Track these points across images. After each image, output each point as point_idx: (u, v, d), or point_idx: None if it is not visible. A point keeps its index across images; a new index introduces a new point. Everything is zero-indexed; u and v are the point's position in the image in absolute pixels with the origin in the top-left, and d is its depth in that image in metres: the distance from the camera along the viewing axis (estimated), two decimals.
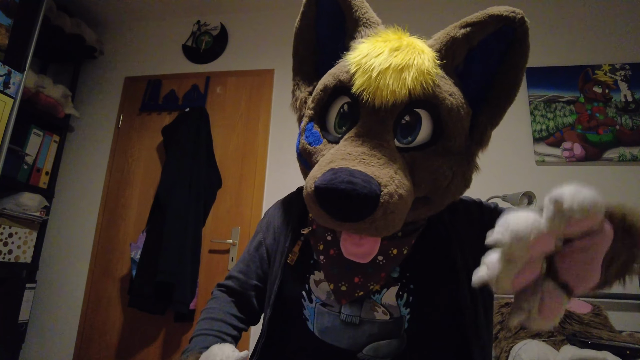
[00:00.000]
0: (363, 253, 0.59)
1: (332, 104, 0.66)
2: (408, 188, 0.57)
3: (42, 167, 2.28)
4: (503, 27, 0.64)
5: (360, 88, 0.59)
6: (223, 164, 2.30)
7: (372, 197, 0.52)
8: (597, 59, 2.09)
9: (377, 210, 0.53)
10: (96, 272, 2.29)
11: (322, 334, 0.68)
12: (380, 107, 0.59)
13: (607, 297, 1.75)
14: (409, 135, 0.61)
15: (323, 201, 0.54)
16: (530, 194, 1.73)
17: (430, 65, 0.59)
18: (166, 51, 2.61)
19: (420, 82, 0.58)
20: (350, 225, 0.54)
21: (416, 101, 0.59)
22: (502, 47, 0.65)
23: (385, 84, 0.57)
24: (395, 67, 0.57)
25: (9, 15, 1.73)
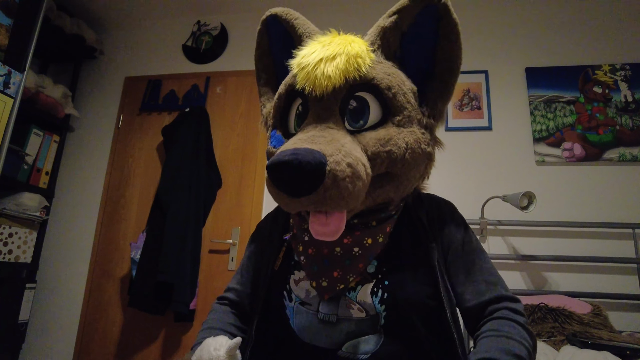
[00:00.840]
0: (330, 231, 0.61)
1: (289, 109, 0.74)
2: (357, 158, 0.60)
3: (42, 167, 2.28)
4: (425, 7, 0.69)
5: (302, 83, 0.67)
6: (223, 164, 2.30)
7: (316, 165, 0.55)
8: (597, 59, 2.09)
9: (327, 179, 0.56)
10: (96, 272, 2.29)
11: (301, 333, 0.69)
12: (323, 95, 0.66)
13: (607, 297, 1.75)
14: (360, 119, 0.67)
15: (274, 179, 0.58)
16: (530, 194, 1.73)
17: (359, 49, 0.67)
18: (166, 51, 2.60)
19: (352, 64, 0.65)
20: (306, 199, 0.58)
21: (356, 85, 0.66)
22: (432, 25, 0.70)
23: (321, 72, 0.64)
24: (327, 57, 0.65)
25: (9, 15, 1.73)
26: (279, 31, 0.83)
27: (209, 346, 0.65)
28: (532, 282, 1.88)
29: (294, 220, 0.78)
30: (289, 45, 0.80)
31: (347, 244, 0.69)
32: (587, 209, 1.91)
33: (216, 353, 0.63)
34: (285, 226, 0.82)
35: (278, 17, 0.82)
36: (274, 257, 0.78)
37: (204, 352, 0.65)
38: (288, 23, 0.81)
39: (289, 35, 0.82)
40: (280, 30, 0.83)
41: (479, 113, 2.13)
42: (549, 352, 1.22)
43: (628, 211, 1.88)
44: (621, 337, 1.37)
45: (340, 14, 2.46)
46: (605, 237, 1.88)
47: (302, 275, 0.72)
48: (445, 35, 0.70)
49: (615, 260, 1.79)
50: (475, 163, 2.07)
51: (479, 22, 2.26)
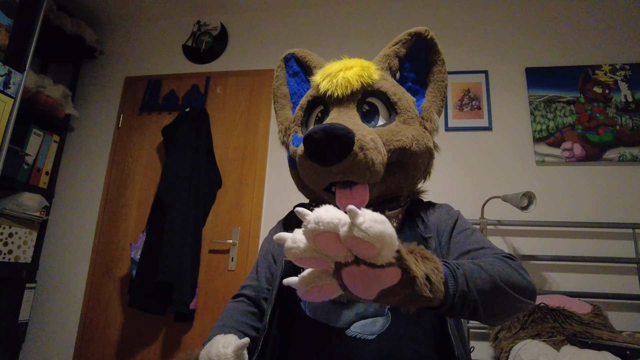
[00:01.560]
0: (356, 203, 0.65)
1: (309, 117, 0.87)
2: (377, 137, 0.74)
3: (42, 167, 2.28)
4: (417, 40, 0.89)
5: (326, 87, 0.81)
6: (223, 164, 2.30)
7: (348, 134, 0.66)
8: (597, 59, 2.09)
9: (355, 147, 0.67)
10: (96, 272, 2.29)
11: (313, 313, 0.74)
12: (343, 97, 0.80)
13: (607, 297, 1.75)
14: (371, 121, 0.82)
15: (310, 147, 0.67)
16: (530, 194, 1.73)
17: (369, 64, 0.84)
18: (166, 51, 2.61)
19: (366, 72, 0.81)
20: (336, 167, 0.68)
21: (368, 92, 0.82)
22: (424, 54, 0.90)
23: (342, 77, 0.80)
24: (345, 67, 0.82)
25: (9, 15, 1.73)
26: (294, 68, 1.01)
27: (218, 343, 0.67)
28: None
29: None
30: (303, 80, 0.99)
31: None
32: (587, 209, 1.91)
33: (224, 351, 0.65)
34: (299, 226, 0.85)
35: (295, 55, 1.00)
36: None
37: (212, 348, 0.67)
38: (304, 59, 0.99)
39: (303, 69, 1.00)
40: (296, 69, 1.01)
41: (479, 113, 2.13)
42: (549, 352, 1.22)
43: (628, 211, 1.88)
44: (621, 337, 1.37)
45: (335, 15, 2.46)
46: (605, 237, 1.88)
47: None
48: (433, 62, 0.89)
49: (615, 260, 1.79)
50: (475, 163, 2.07)
51: (479, 22, 2.26)
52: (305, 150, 0.69)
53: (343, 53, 0.91)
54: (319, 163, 0.68)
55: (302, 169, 0.74)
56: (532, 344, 1.29)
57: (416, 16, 2.33)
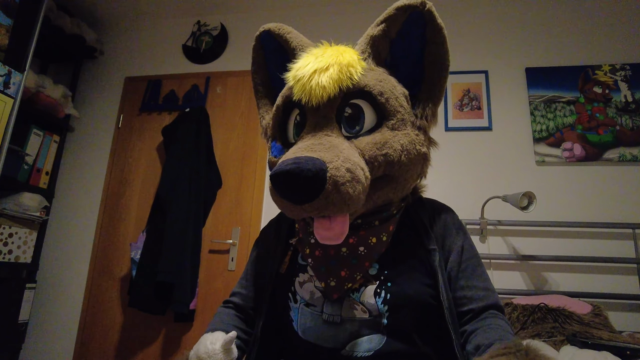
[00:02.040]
0: (334, 235, 0.64)
1: (287, 120, 0.76)
2: (356, 163, 0.63)
3: (42, 167, 2.28)
4: (411, 14, 0.72)
5: (299, 95, 0.69)
6: (223, 164, 2.30)
7: (317, 172, 0.58)
8: (597, 59, 2.09)
9: (327, 184, 0.58)
10: (96, 272, 2.29)
11: (305, 334, 0.71)
12: (319, 105, 0.69)
13: (607, 297, 1.75)
14: (356, 125, 0.70)
15: (277, 187, 0.60)
16: (530, 194, 1.73)
17: (351, 59, 0.70)
18: (166, 51, 2.60)
19: (344, 73, 0.68)
20: (309, 206, 0.60)
21: (350, 93, 0.69)
22: (419, 31, 0.73)
23: (316, 83, 0.67)
24: (320, 68, 0.68)
25: (9, 15, 1.73)
26: (273, 46, 0.86)
27: (206, 340, 0.67)
28: (532, 282, 1.88)
29: (299, 225, 0.80)
30: (284, 59, 0.82)
31: (352, 244, 0.71)
32: (587, 209, 1.91)
33: (212, 347, 0.65)
34: (289, 231, 0.84)
35: (271, 32, 0.85)
36: (279, 260, 0.79)
37: (200, 346, 0.67)
38: (281, 37, 0.84)
39: (283, 49, 0.85)
40: (274, 45, 0.86)
41: (479, 113, 2.13)
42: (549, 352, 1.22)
43: (628, 211, 1.88)
44: (621, 337, 1.37)
45: (335, 16, 2.46)
46: (605, 237, 1.88)
47: (307, 277, 0.74)
48: (432, 39, 0.73)
49: (615, 261, 1.79)
50: (475, 163, 2.07)
51: (479, 22, 2.26)
52: (273, 189, 0.63)
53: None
54: (290, 202, 0.61)
55: (275, 202, 0.66)
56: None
57: None
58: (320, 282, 0.72)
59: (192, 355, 0.68)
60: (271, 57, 0.88)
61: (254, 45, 0.88)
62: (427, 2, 0.72)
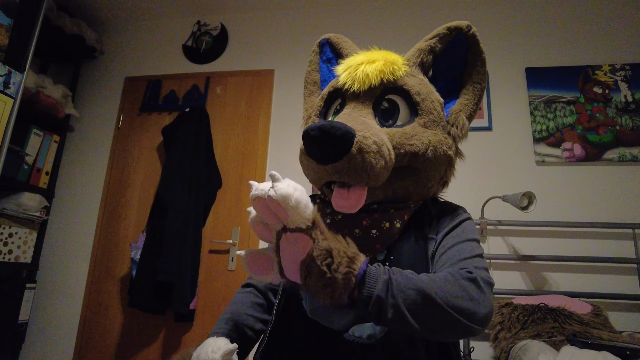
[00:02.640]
0: (350, 205, 0.67)
1: (329, 109, 0.83)
2: (383, 140, 0.68)
3: (42, 167, 2.28)
4: (457, 35, 0.81)
5: (344, 79, 0.77)
6: (223, 164, 2.30)
7: (346, 134, 0.62)
8: (597, 59, 2.09)
9: (353, 148, 0.63)
10: (96, 272, 2.29)
11: (313, 314, 0.72)
12: (360, 92, 0.76)
13: (607, 297, 1.75)
14: (390, 119, 0.76)
15: (307, 143, 0.64)
16: (530, 194, 1.73)
17: (395, 59, 0.78)
18: (166, 51, 2.61)
19: (388, 68, 0.75)
20: (331, 167, 0.64)
21: (389, 88, 0.76)
22: (463, 51, 0.82)
23: (362, 71, 0.75)
24: (368, 60, 0.76)
25: (9, 15, 1.73)
26: (328, 55, 0.97)
27: (208, 347, 0.68)
28: (532, 282, 1.88)
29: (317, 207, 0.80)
30: (334, 65, 0.92)
31: (365, 226, 0.73)
32: (587, 209, 1.91)
33: (212, 355, 0.66)
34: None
35: (330, 40, 0.96)
36: None
37: (202, 351, 0.68)
38: (338, 45, 0.94)
39: (336, 56, 0.95)
40: (330, 55, 0.96)
41: (479, 113, 2.13)
42: (548, 352, 1.22)
43: (628, 211, 1.88)
44: (621, 337, 1.37)
45: (335, 15, 2.46)
46: (605, 237, 1.88)
47: None
48: (472, 62, 0.82)
49: (615, 261, 1.79)
50: (475, 163, 2.07)
51: (479, 22, 2.26)
52: (304, 146, 0.67)
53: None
54: (315, 161, 0.65)
55: (301, 164, 0.73)
56: (532, 344, 1.29)
57: (416, 16, 2.33)
58: None
59: (195, 358, 0.68)
60: (325, 64, 0.97)
61: (313, 50, 0.98)
62: (472, 27, 0.80)
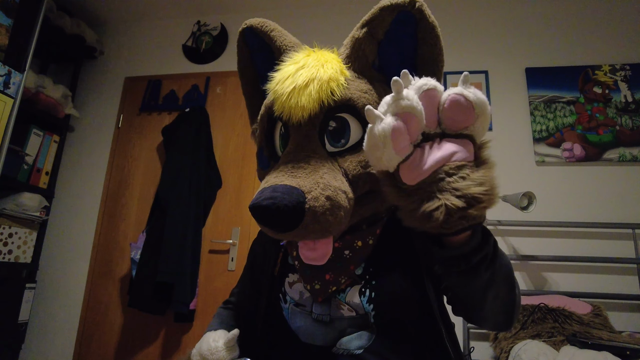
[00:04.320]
0: (318, 256, 0.64)
1: (273, 130, 0.73)
2: (336, 188, 0.61)
3: (42, 167, 2.28)
4: (399, 13, 0.66)
5: (279, 112, 0.67)
6: (223, 164, 2.30)
7: (294, 206, 0.57)
8: (597, 60, 2.09)
9: (306, 216, 0.57)
10: (96, 272, 2.29)
11: (298, 332, 0.71)
12: (300, 123, 0.66)
13: (607, 297, 1.75)
14: (341, 138, 0.67)
15: (257, 219, 0.60)
16: (530, 194, 1.73)
17: (332, 73, 0.66)
18: (166, 51, 2.61)
19: (325, 91, 0.64)
20: (289, 234, 0.60)
21: (333, 108, 0.65)
22: (410, 30, 0.67)
23: (295, 102, 0.64)
24: (299, 86, 0.64)
25: (9, 15, 1.73)
26: (257, 44, 0.82)
27: (209, 338, 0.68)
28: (532, 283, 1.88)
29: None
30: (270, 58, 0.79)
31: (338, 248, 0.70)
32: (587, 209, 1.91)
33: (215, 344, 0.66)
34: None
35: (254, 29, 0.80)
36: (273, 262, 0.80)
37: (203, 343, 0.68)
38: (265, 35, 0.79)
39: (268, 47, 0.81)
40: (259, 43, 0.82)
41: None
42: (549, 352, 1.22)
43: (628, 211, 1.88)
44: (621, 337, 1.37)
45: (335, 15, 2.46)
46: (605, 238, 1.88)
47: (296, 277, 0.75)
48: (424, 39, 0.67)
49: (615, 261, 1.79)
50: None
51: (479, 22, 2.27)
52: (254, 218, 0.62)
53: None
54: (270, 229, 0.62)
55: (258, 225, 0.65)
56: (532, 344, 1.29)
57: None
58: (306, 285, 0.72)
59: (195, 353, 0.68)
60: (257, 54, 0.83)
61: (237, 43, 0.83)
62: (417, 1, 0.66)
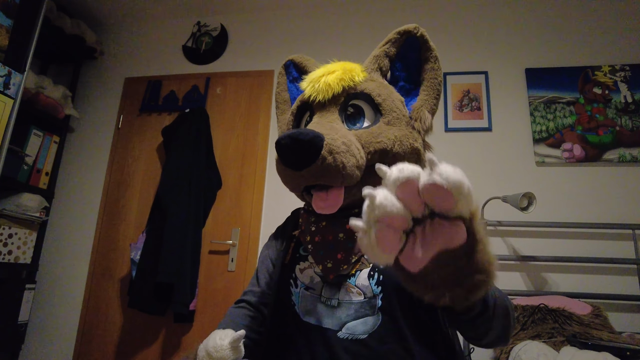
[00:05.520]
0: (329, 205, 0.72)
1: (300, 122, 0.88)
2: (352, 140, 0.73)
3: (42, 167, 2.28)
4: (407, 38, 0.86)
5: (309, 92, 0.83)
6: (223, 164, 2.30)
7: (315, 138, 0.66)
8: (597, 60, 2.09)
9: (324, 150, 0.67)
10: (96, 273, 2.29)
11: (306, 316, 0.76)
12: (325, 101, 0.81)
13: (607, 298, 1.75)
14: (357, 122, 0.81)
15: (281, 152, 0.68)
16: (530, 195, 1.73)
17: (353, 67, 0.84)
18: (166, 52, 2.61)
19: (347, 75, 0.81)
20: (306, 171, 0.68)
21: (351, 95, 0.81)
22: (416, 51, 0.86)
23: (324, 82, 0.80)
24: (327, 72, 0.82)
25: (9, 15, 1.73)
26: (294, 74, 1.03)
27: (215, 335, 0.71)
28: (532, 283, 1.88)
29: (302, 218, 0.89)
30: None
31: (349, 230, 0.76)
32: (587, 210, 1.91)
33: (220, 342, 0.69)
34: (293, 228, 0.92)
35: (294, 61, 1.03)
36: (285, 253, 0.87)
37: (210, 340, 0.70)
38: (301, 64, 1.00)
39: (301, 76, 1.00)
40: (296, 74, 1.03)
41: (478, 114, 2.13)
42: (549, 352, 1.22)
43: (628, 212, 1.88)
44: (621, 338, 1.37)
45: (334, 16, 2.46)
46: (605, 238, 1.88)
47: (307, 264, 0.81)
48: (427, 59, 0.85)
49: (615, 261, 1.79)
50: (475, 164, 2.08)
51: (479, 22, 2.27)
52: (277, 156, 0.71)
53: (342, 53, 0.87)
54: (290, 168, 0.70)
55: (279, 174, 0.76)
56: (532, 345, 1.29)
57: (416, 17, 2.33)
58: (318, 265, 0.78)
59: (201, 349, 0.71)
60: (293, 83, 1.04)
61: (279, 72, 1.05)
62: (420, 28, 0.85)
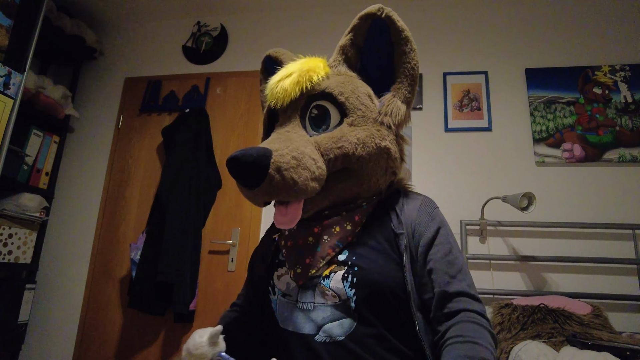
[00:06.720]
0: (288, 220, 0.71)
1: (272, 130, 0.83)
2: (304, 152, 0.69)
3: (42, 167, 2.28)
4: (373, 21, 0.79)
5: (269, 100, 0.80)
6: (223, 164, 2.30)
7: (259, 158, 0.65)
8: (597, 60, 2.09)
9: (270, 169, 0.65)
10: (96, 273, 2.29)
11: (284, 323, 0.76)
12: (284, 107, 0.78)
13: (607, 298, 1.75)
14: (322, 124, 0.77)
15: (231, 171, 0.67)
16: (530, 195, 1.73)
17: (313, 65, 0.79)
18: (166, 52, 2.61)
19: (304, 77, 0.76)
20: (258, 190, 0.67)
21: (313, 96, 0.77)
22: (385, 36, 0.79)
23: (280, 87, 0.77)
24: (284, 76, 0.78)
25: (9, 16, 1.73)
26: (272, 69, 0.96)
27: (195, 334, 0.72)
28: (532, 283, 1.88)
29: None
30: None
31: (317, 233, 0.77)
32: (587, 210, 1.91)
33: (199, 340, 0.70)
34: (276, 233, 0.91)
35: (270, 56, 1.02)
36: (265, 258, 0.86)
37: (190, 340, 0.72)
38: (278, 59, 0.99)
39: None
40: (274, 68, 0.96)
41: (478, 114, 2.13)
42: (549, 353, 1.22)
43: (628, 212, 1.88)
44: (621, 338, 1.37)
45: (334, 16, 2.46)
46: (605, 238, 1.88)
47: (284, 271, 0.80)
48: (397, 42, 0.78)
49: (615, 261, 1.79)
50: (475, 164, 2.07)
51: (479, 22, 2.27)
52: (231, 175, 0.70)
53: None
54: (242, 185, 0.70)
55: (239, 189, 0.75)
56: (532, 345, 1.29)
57: (415, 17, 2.33)
58: (290, 270, 0.77)
59: (184, 350, 0.73)
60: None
61: (260, 68, 1.05)
62: (384, 8, 0.77)
